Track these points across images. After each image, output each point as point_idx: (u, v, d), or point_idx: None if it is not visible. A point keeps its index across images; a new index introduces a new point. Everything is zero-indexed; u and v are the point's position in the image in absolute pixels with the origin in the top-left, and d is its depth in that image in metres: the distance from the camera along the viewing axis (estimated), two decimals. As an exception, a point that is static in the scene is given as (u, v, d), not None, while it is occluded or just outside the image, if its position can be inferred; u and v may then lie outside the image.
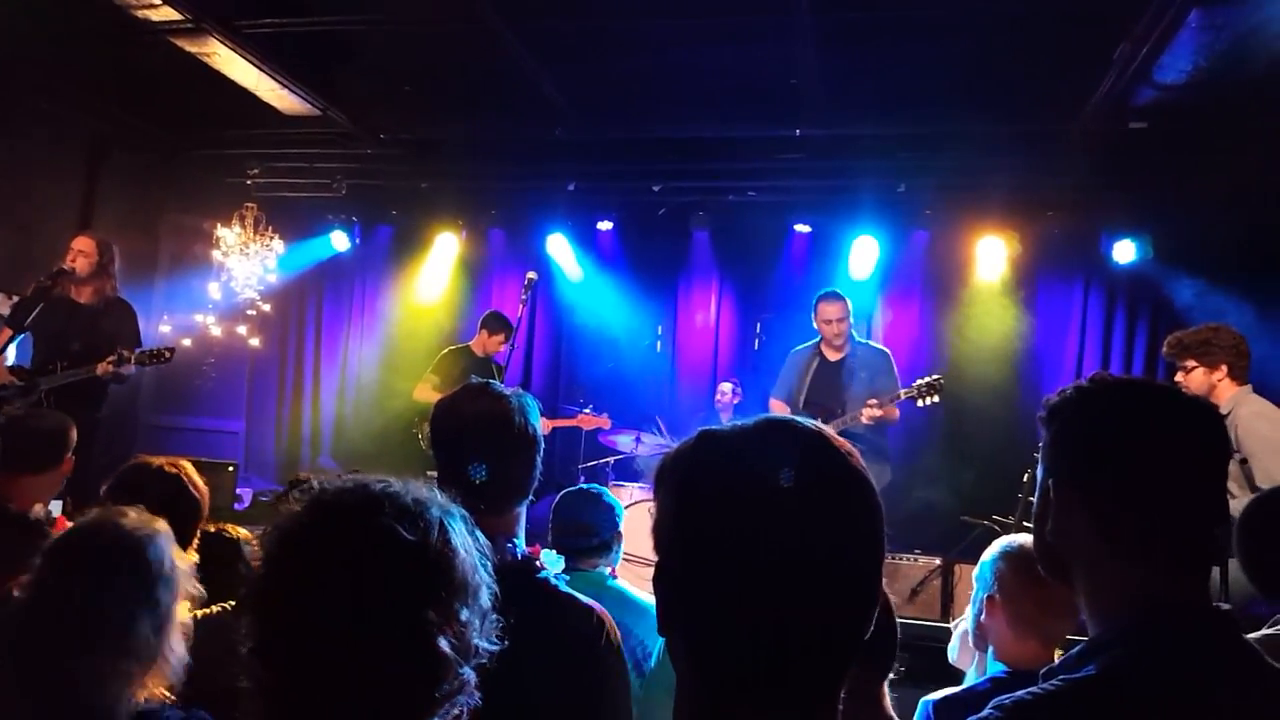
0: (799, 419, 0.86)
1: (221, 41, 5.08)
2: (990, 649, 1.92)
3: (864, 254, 7.15)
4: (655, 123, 6.14)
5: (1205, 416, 1.23)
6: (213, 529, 2.55)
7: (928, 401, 5.18)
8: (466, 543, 1.06)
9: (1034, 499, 1.35)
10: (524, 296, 5.52)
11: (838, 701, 0.82)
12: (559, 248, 7.75)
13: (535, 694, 1.52)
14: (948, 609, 4.98)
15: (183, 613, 1.65)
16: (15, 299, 5.88)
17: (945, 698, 1.84)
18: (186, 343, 7.17)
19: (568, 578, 1.74)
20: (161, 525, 1.66)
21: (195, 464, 2.61)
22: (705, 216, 7.36)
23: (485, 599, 1.06)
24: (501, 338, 6.38)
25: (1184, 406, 1.24)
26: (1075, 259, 7.03)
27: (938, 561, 5.11)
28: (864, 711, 1.26)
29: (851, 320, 5.43)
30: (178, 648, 1.60)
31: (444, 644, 0.98)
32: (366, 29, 5.06)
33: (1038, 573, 1.33)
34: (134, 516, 1.65)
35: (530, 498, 1.79)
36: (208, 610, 2.02)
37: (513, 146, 6.87)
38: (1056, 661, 1.20)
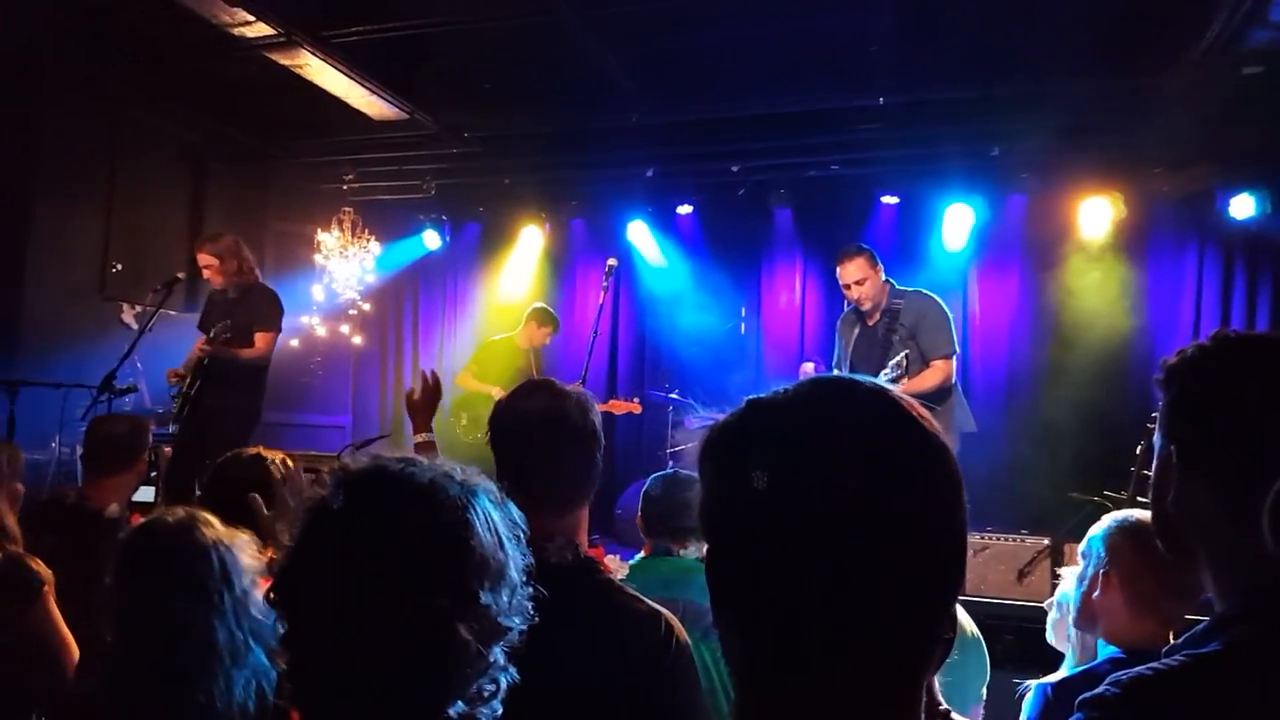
0: (861, 379, 0.76)
1: (312, 53, 5.26)
2: (1100, 629, 1.81)
3: (957, 223, 6.92)
4: (730, 102, 6.05)
5: None
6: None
7: None
8: (488, 520, 1.03)
9: (1148, 472, 1.27)
10: (605, 284, 5.55)
11: (909, 699, 0.72)
12: (640, 234, 7.77)
13: (599, 704, 1.47)
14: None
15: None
16: (137, 309, 6.28)
17: (1063, 680, 1.77)
18: (294, 343, 7.49)
19: (635, 583, 1.68)
20: (205, 520, 1.68)
21: (304, 457, 2.66)
22: (786, 194, 7.25)
23: (514, 574, 1.04)
24: (549, 330, 6.57)
25: None
26: (1188, 217, 6.63)
27: (1046, 541, 4.90)
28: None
29: (878, 274, 4.77)
30: (258, 627, 1.62)
31: (463, 630, 0.96)
32: (444, 30, 5.16)
33: (1158, 548, 1.25)
34: (180, 515, 1.68)
35: (591, 498, 1.72)
36: None
37: (590, 137, 6.89)
38: (1175, 640, 1.14)
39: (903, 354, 4.36)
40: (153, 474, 4.15)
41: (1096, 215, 6.57)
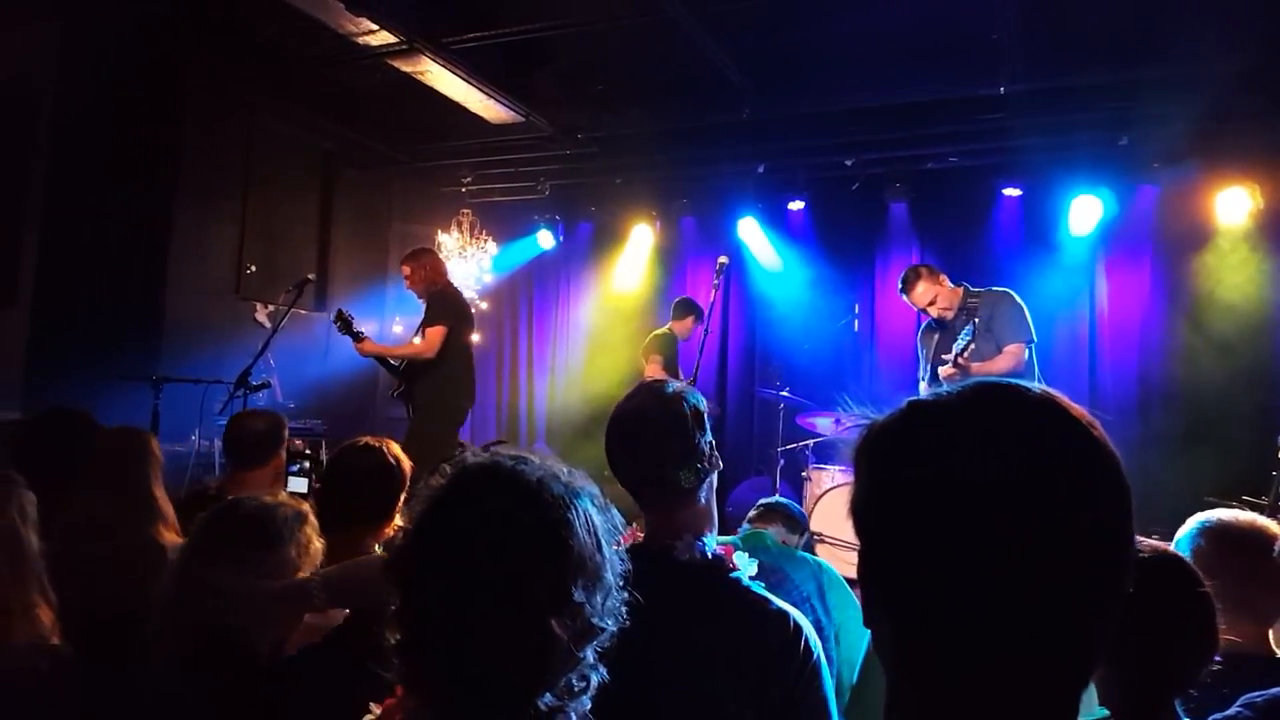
0: (1027, 385, 0.75)
1: (432, 59, 5.47)
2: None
3: (1084, 214, 6.61)
4: (843, 94, 5.94)
5: None
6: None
7: None
8: (589, 521, 1.07)
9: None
10: (716, 281, 5.56)
11: (1065, 705, 0.71)
12: (750, 231, 7.73)
13: (729, 700, 1.47)
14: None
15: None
16: (270, 308, 6.66)
17: None
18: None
19: (762, 584, 1.62)
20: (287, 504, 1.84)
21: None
22: (902, 187, 7.06)
23: (609, 577, 1.07)
24: (691, 320, 6.61)
25: None
26: (1335, 208, 6.14)
27: (1178, 546, 4.66)
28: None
29: (944, 284, 5.02)
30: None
31: (556, 625, 1.00)
32: (558, 33, 5.28)
33: (1244, 545, 1.19)
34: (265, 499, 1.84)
35: (705, 487, 1.68)
36: None
37: (701, 134, 6.90)
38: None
39: (968, 337, 4.42)
40: (295, 467, 4.32)
41: (1233, 206, 6.15)
